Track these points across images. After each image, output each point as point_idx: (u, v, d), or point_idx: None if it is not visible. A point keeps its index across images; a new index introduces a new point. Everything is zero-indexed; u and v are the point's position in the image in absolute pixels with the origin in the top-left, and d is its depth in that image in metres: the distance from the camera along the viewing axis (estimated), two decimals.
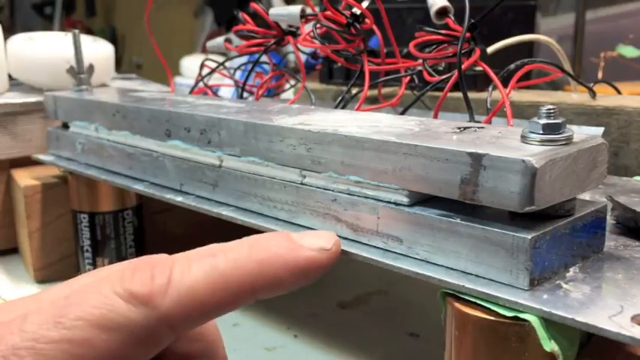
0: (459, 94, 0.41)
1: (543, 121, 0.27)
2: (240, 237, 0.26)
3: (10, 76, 0.70)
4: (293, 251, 0.25)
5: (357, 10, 0.46)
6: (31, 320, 0.22)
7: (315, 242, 0.26)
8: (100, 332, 0.21)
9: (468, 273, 0.27)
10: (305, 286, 0.26)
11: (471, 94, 0.42)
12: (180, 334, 0.23)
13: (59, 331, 0.21)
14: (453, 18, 0.44)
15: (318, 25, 0.47)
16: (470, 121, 0.39)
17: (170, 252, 0.25)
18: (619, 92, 0.55)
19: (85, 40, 0.66)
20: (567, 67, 0.53)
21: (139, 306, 0.22)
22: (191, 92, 0.63)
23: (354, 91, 0.50)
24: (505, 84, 0.42)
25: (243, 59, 0.66)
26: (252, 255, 0.24)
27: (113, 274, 0.23)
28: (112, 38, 2.74)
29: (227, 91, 0.80)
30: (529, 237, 0.25)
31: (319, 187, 0.33)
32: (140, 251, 0.56)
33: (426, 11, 0.46)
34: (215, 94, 0.63)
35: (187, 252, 0.25)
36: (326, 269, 0.26)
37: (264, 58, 0.54)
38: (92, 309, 0.22)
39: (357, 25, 0.46)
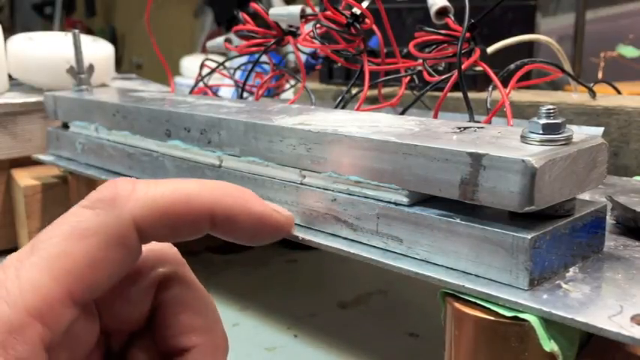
0: (459, 94, 0.41)
1: (543, 121, 0.27)
2: None
3: (10, 76, 0.70)
4: (256, 200, 0.27)
5: (357, 10, 0.46)
6: (10, 257, 0.23)
7: (274, 205, 0.28)
8: (74, 242, 0.22)
9: (467, 273, 0.27)
10: (254, 244, 0.27)
11: (471, 94, 0.42)
12: (147, 240, 0.24)
13: (37, 253, 0.22)
14: (453, 18, 0.44)
15: (318, 25, 0.48)
16: (470, 121, 0.39)
17: None
18: (619, 92, 0.55)
19: (85, 40, 0.66)
20: (567, 67, 0.53)
21: (105, 208, 0.23)
22: (191, 92, 0.63)
23: (354, 91, 0.50)
24: (505, 84, 0.42)
25: (243, 59, 0.66)
26: (217, 187, 0.26)
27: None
28: (112, 38, 2.74)
29: (227, 91, 0.80)
30: (529, 237, 0.25)
31: (319, 187, 0.33)
32: None
33: (426, 11, 0.46)
34: (215, 94, 0.63)
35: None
36: (280, 232, 0.28)
37: (264, 58, 0.54)
38: (63, 225, 0.23)
39: (357, 25, 0.46)
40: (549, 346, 0.24)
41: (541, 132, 0.27)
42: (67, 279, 0.22)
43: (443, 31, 0.43)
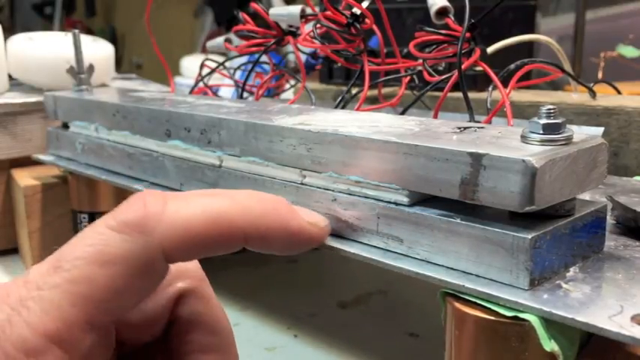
0: (459, 94, 0.41)
1: (543, 121, 0.27)
2: None
3: (10, 76, 0.70)
4: (290, 214, 0.26)
5: (357, 10, 0.46)
6: (33, 272, 0.22)
7: (309, 216, 0.28)
8: (99, 267, 0.21)
9: (468, 273, 0.27)
10: (290, 255, 0.27)
11: (471, 94, 0.42)
12: (174, 262, 0.23)
13: (60, 274, 0.21)
14: (453, 18, 0.44)
15: (318, 25, 0.48)
16: (470, 121, 0.39)
17: None
18: (619, 92, 0.55)
19: (85, 40, 0.66)
20: (567, 67, 0.53)
21: (133, 234, 0.22)
22: (191, 92, 0.63)
23: (354, 91, 0.50)
24: (505, 84, 0.42)
25: (243, 59, 0.66)
26: (251, 204, 0.25)
27: (107, 214, 0.23)
28: (112, 38, 2.74)
29: (227, 91, 0.80)
30: (529, 237, 0.25)
31: (319, 187, 0.33)
32: None
33: (426, 11, 0.46)
34: (215, 94, 0.63)
35: (186, 192, 0.25)
36: (313, 244, 0.28)
37: (264, 58, 0.54)
38: (88, 247, 0.22)
39: (357, 25, 0.46)
40: (550, 345, 0.24)
41: (541, 132, 0.27)
42: (88, 305, 0.21)
43: (443, 31, 0.43)
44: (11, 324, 0.21)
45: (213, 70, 0.62)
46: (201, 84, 0.63)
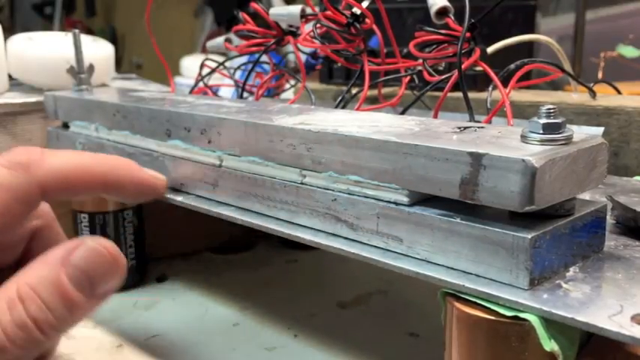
0: (459, 94, 0.41)
1: (543, 120, 0.27)
2: (239, 236, 0.26)
3: (10, 76, 0.69)
4: (137, 169, 0.38)
5: (357, 10, 0.46)
6: None
7: (153, 172, 0.40)
8: None
9: (468, 272, 0.27)
10: (135, 203, 0.42)
11: (471, 94, 0.42)
12: (47, 199, 0.32)
13: None
14: (453, 18, 0.44)
15: (318, 25, 0.48)
16: (470, 121, 0.39)
17: (171, 252, 0.25)
18: (619, 92, 0.55)
19: (85, 40, 0.66)
20: (567, 67, 0.53)
21: (20, 170, 0.30)
22: (191, 92, 0.63)
23: (354, 91, 0.50)
24: (505, 84, 0.42)
25: (243, 59, 0.66)
26: (108, 160, 0.36)
27: None
28: (112, 38, 2.74)
29: (227, 91, 0.80)
30: (529, 237, 0.25)
31: (319, 187, 0.33)
32: (140, 251, 0.56)
33: (426, 11, 0.46)
34: (215, 94, 0.63)
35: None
36: (156, 192, 0.40)
37: (264, 58, 0.54)
38: None
39: (357, 25, 0.46)
40: (549, 345, 0.24)
41: (541, 132, 0.27)
42: None
43: (443, 31, 0.43)
44: None
45: (213, 70, 0.62)
46: (201, 84, 0.63)
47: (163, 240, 0.59)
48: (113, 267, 0.28)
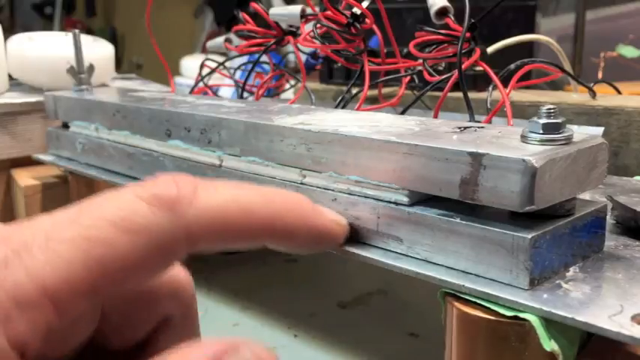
0: (459, 94, 0.41)
1: (543, 120, 0.27)
2: None
3: (10, 76, 0.70)
4: (315, 212, 0.26)
5: (357, 10, 0.46)
6: (46, 220, 0.20)
7: (332, 215, 0.28)
8: (121, 233, 0.20)
9: (468, 272, 0.27)
10: (311, 253, 0.27)
11: (471, 94, 0.42)
12: (194, 250, 0.22)
13: (76, 229, 0.20)
14: (453, 18, 0.44)
15: (318, 25, 0.48)
16: (470, 121, 0.39)
17: None
18: (619, 92, 0.55)
19: (85, 40, 0.66)
20: (567, 67, 0.53)
21: (164, 210, 0.21)
22: (191, 92, 0.63)
23: (354, 91, 0.50)
24: (505, 84, 0.42)
25: (243, 59, 0.66)
26: (279, 198, 0.24)
27: (132, 185, 0.22)
28: (112, 38, 2.74)
29: (227, 91, 0.80)
30: (529, 236, 0.25)
31: (319, 187, 0.33)
32: None
33: (426, 11, 0.46)
34: (215, 94, 0.63)
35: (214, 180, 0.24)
36: (335, 243, 0.28)
37: (264, 58, 0.54)
38: (114, 209, 0.20)
39: (357, 25, 0.46)
40: (550, 345, 0.24)
41: (541, 132, 0.27)
42: (99, 269, 0.19)
43: (443, 31, 0.43)
44: (8, 267, 0.19)
45: (213, 70, 0.62)
46: (201, 84, 0.63)
47: None
48: None
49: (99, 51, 0.71)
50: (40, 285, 0.18)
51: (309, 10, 0.50)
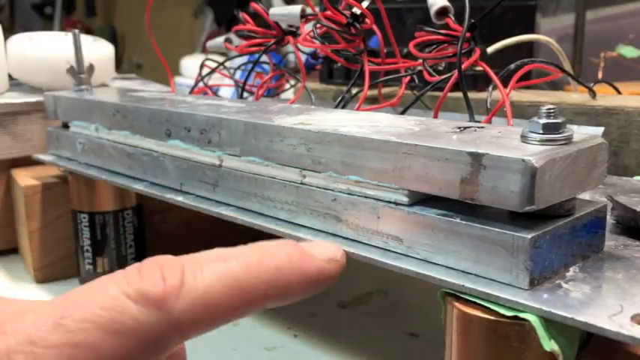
0: (459, 94, 0.41)
1: (543, 120, 0.27)
2: (239, 237, 0.26)
3: (10, 76, 0.70)
4: (304, 260, 0.24)
5: (357, 10, 0.46)
6: (28, 320, 0.20)
7: (325, 252, 0.26)
8: (109, 336, 0.19)
9: (468, 272, 0.27)
10: (312, 295, 0.25)
11: (471, 94, 0.42)
12: (187, 339, 0.22)
13: (61, 334, 0.19)
14: (453, 18, 0.44)
15: (318, 25, 0.47)
16: (470, 121, 0.39)
17: (170, 252, 0.25)
18: (619, 92, 0.55)
19: (85, 40, 0.66)
20: (567, 67, 0.53)
21: (150, 308, 0.20)
22: (191, 92, 0.63)
23: (354, 91, 0.50)
24: (505, 84, 0.42)
25: (243, 59, 0.66)
26: (265, 262, 0.23)
27: (116, 274, 0.21)
28: (112, 38, 2.74)
29: (227, 91, 0.80)
30: (529, 237, 0.25)
31: (319, 187, 0.33)
32: (140, 251, 0.56)
33: (426, 11, 0.46)
34: (215, 94, 0.63)
35: (195, 255, 0.23)
36: (334, 279, 0.26)
37: (264, 58, 0.54)
38: (99, 310, 0.20)
39: (357, 25, 0.46)
40: (549, 345, 0.24)
41: (541, 132, 0.27)
42: None
43: (443, 31, 0.43)
44: None
45: (213, 70, 0.62)
46: (201, 84, 0.63)
47: (163, 240, 0.59)
48: None
49: (99, 51, 0.71)
50: None
51: (309, 10, 0.50)
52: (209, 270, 0.22)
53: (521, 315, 0.25)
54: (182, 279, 0.21)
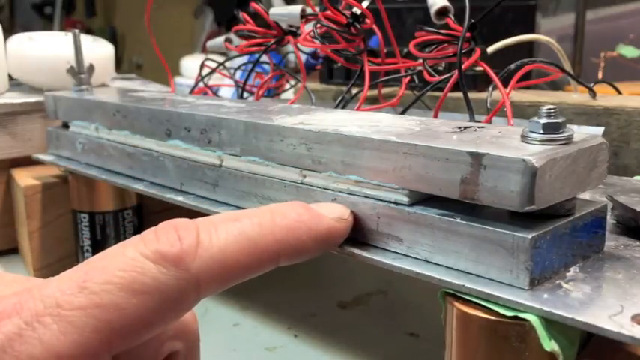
0: (459, 94, 0.41)
1: (543, 120, 0.27)
2: None
3: (10, 76, 0.70)
4: (314, 219, 0.26)
5: (357, 10, 0.46)
6: (53, 285, 0.21)
7: (333, 212, 0.28)
8: (131, 296, 0.20)
9: (468, 272, 0.27)
10: (322, 254, 0.27)
11: (471, 94, 0.42)
12: (204, 296, 0.23)
13: (86, 295, 0.20)
14: (453, 18, 0.44)
15: (318, 25, 0.47)
16: (470, 121, 0.39)
17: None
18: (619, 92, 0.55)
19: (85, 40, 0.66)
20: (567, 67, 0.53)
21: (169, 267, 0.21)
22: (191, 92, 0.63)
23: (354, 91, 0.50)
24: (505, 84, 0.42)
25: (243, 59, 0.66)
26: (277, 221, 0.24)
27: (134, 238, 0.22)
28: (112, 38, 2.74)
29: (227, 91, 0.80)
30: (529, 236, 0.25)
31: (319, 187, 0.33)
32: None
33: (426, 11, 0.46)
34: (215, 94, 0.63)
35: (208, 217, 0.24)
36: (343, 238, 0.28)
37: (264, 58, 0.54)
38: (120, 272, 0.21)
39: (357, 25, 0.46)
40: (550, 345, 0.24)
41: (541, 132, 0.27)
42: (112, 333, 0.20)
43: (443, 31, 0.43)
44: (22, 339, 0.19)
45: (213, 70, 0.62)
46: (201, 84, 0.63)
47: None
48: None
49: (99, 51, 0.71)
50: (54, 355, 0.19)
51: (309, 10, 0.50)
52: (223, 230, 0.23)
53: (522, 315, 0.25)
54: (197, 239, 0.22)
